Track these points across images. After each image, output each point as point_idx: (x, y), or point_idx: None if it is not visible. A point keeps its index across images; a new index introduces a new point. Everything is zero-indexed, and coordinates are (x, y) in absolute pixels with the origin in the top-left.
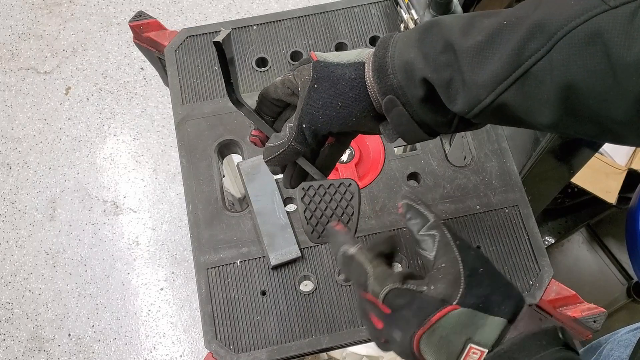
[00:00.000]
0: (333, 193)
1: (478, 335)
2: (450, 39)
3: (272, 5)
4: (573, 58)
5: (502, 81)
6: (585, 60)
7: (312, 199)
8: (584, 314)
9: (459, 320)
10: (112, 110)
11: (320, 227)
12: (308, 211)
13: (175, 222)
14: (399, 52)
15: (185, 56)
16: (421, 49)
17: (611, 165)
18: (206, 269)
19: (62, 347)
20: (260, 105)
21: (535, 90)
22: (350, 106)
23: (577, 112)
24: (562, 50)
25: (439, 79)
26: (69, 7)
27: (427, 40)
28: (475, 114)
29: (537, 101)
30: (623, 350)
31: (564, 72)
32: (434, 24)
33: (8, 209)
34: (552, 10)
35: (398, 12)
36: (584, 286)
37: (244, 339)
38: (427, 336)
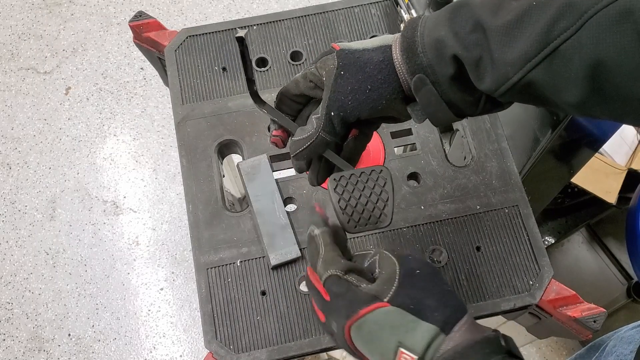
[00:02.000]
0: (365, 181)
1: (408, 339)
2: (480, 18)
3: (272, 5)
4: (603, 36)
5: (531, 59)
6: (615, 38)
7: (345, 188)
8: (584, 314)
9: (387, 318)
10: (112, 110)
11: (357, 215)
12: (342, 201)
13: (175, 222)
14: (429, 30)
15: (185, 56)
16: (451, 27)
17: (611, 165)
18: (206, 269)
19: (62, 347)
20: (280, 104)
21: (563, 68)
22: (379, 88)
23: (604, 91)
24: (592, 29)
25: (468, 56)
26: (69, 7)
27: (457, 19)
28: (503, 92)
29: (565, 79)
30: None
31: (593, 50)
32: (463, 4)
33: (8, 209)
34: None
35: (398, 12)
36: (584, 286)
37: (244, 339)
38: (357, 329)
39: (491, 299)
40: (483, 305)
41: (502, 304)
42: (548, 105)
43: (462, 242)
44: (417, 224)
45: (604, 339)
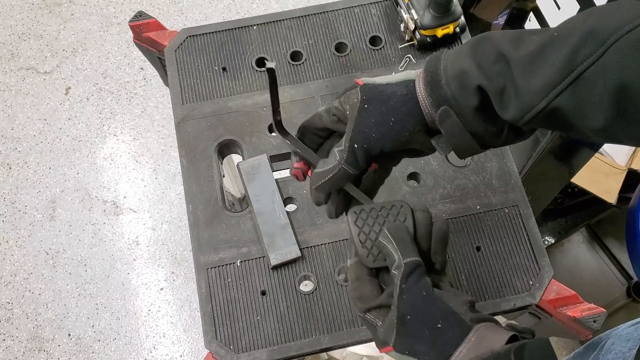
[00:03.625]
0: (386, 215)
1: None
2: (502, 50)
3: (272, 5)
4: (626, 60)
5: (556, 86)
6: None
7: (365, 221)
8: (584, 314)
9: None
10: (112, 110)
11: (376, 250)
12: (362, 234)
13: (175, 222)
14: (452, 63)
15: (185, 56)
16: (474, 59)
17: (611, 165)
18: (206, 269)
19: (62, 347)
20: (302, 137)
21: (588, 94)
22: (403, 120)
23: (629, 114)
24: (616, 54)
25: (492, 86)
26: (69, 7)
27: (479, 52)
28: (527, 121)
29: (590, 104)
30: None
31: (618, 75)
32: (484, 38)
33: (8, 209)
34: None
35: (398, 12)
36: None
37: (244, 339)
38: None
39: (491, 299)
40: (483, 305)
41: (502, 304)
42: (572, 132)
43: (462, 242)
44: None
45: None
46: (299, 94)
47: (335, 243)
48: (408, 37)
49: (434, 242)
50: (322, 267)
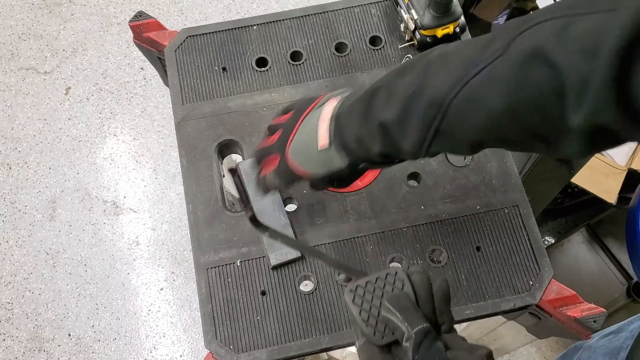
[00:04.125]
0: (382, 286)
1: None
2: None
3: (272, 5)
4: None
5: (424, 142)
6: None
7: (364, 298)
8: (584, 314)
9: None
10: (112, 110)
11: (381, 325)
12: (363, 312)
13: (175, 222)
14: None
15: (185, 56)
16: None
17: (611, 165)
18: (206, 269)
19: (62, 347)
20: None
21: (450, 140)
22: None
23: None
24: (452, 114)
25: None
26: (69, 7)
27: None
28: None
29: (455, 145)
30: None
31: (461, 129)
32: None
33: (8, 209)
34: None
35: (398, 12)
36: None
37: (244, 339)
38: None
39: (491, 299)
40: (483, 305)
41: (502, 304)
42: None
43: (462, 242)
44: (417, 224)
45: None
46: (299, 94)
47: (335, 243)
48: (408, 37)
49: (437, 302)
50: (322, 267)
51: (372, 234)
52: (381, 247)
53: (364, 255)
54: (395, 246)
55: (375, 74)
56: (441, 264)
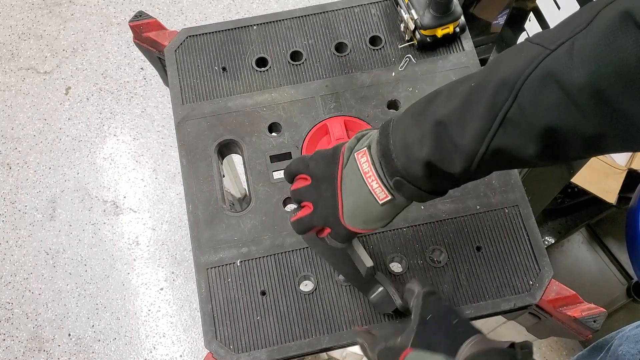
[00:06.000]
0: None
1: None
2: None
3: (272, 5)
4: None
5: (487, 132)
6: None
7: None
8: (584, 314)
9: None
10: (112, 110)
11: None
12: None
13: (175, 222)
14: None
15: (185, 56)
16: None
17: (611, 165)
18: (206, 269)
19: (62, 347)
20: None
21: (518, 129)
22: None
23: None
24: (526, 96)
25: (436, 157)
26: (69, 7)
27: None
28: (476, 167)
29: (522, 138)
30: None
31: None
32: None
33: (8, 209)
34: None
35: (398, 12)
36: (584, 286)
37: (244, 339)
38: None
39: (491, 299)
40: (483, 305)
41: (502, 304)
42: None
43: (462, 242)
44: (417, 224)
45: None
46: (299, 94)
47: None
48: (408, 37)
49: None
50: (322, 267)
51: (372, 234)
52: (381, 247)
53: None
54: (395, 246)
55: (375, 74)
56: (441, 264)
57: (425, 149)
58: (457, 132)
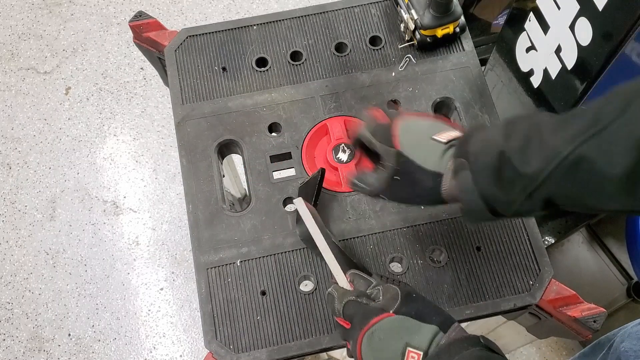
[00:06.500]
0: None
1: (414, 339)
2: (536, 120)
3: (272, 5)
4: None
5: (581, 135)
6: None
7: None
8: (584, 313)
9: (394, 324)
10: (112, 110)
11: None
12: None
13: (175, 222)
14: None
15: (185, 56)
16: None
17: None
18: (206, 269)
19: (62, 347)
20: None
21: (614, 142)
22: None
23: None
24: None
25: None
26: (69, 7)
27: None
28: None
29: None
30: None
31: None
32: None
33: (8, 209)
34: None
35: (398, 12)
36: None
37: (244, 339)
38: (367, 339)
39: (491, 299)
40: (483, 305)
41: (502, 304)
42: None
43: (462, 242)
44: (417, 223)
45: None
46: (299, 94)
47: None
48: (408, 37)
49: None
50: (322, 267)
51: (372, 234)
52: (381, 247)
53: (364, 256)
54: (395, 246)
55: (375, 74)
56: (441, 263)
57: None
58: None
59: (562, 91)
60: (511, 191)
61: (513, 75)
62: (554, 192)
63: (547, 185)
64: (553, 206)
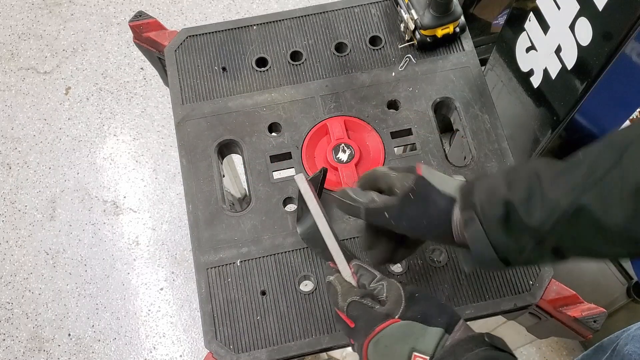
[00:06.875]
0: None
1: (420, 343)
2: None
3: (272, 5)
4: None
5: (580, 186)
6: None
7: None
8: (584, 314)
9: (399, 330)
10: (112, 110)
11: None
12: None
13: (175, 222)
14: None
15: (185, 56)
16: (506, 178)
17: None
18: (206, 269)
19: (62, 347)
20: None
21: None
22: (430, 227)
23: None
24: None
25: (519, 198)
26: (69, 7)
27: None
28: (553, 224)
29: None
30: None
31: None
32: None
33: (8, 209)
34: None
35: (398, 12)
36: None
37: (244, 339)
38: (373, 345)
39: (491, 299)
40: (483, 305)
41: (502, 304)
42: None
43: None
44: None
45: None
46: (299, 94)
47: None
48: (408, 37)
49: None
50: (322, 267)
51: None
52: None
53: (364, 256)
54: None
55: (375, 74)
56: (441, 263)
57: (511, 191)
58: (551, 183)
59: (562, 91)
60: (521, 239)
61: (513, 75)
62: (561, 242)
63: (553, 235)
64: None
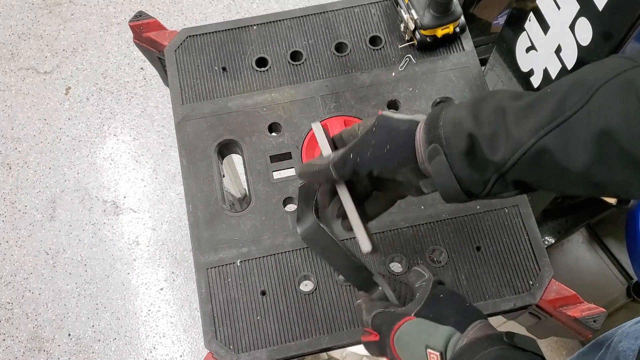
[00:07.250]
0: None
1: (431, 340)
2: (502, 103)
3: (272, 5)
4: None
5: (544, 127)
6: (620, 105)
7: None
8: (584, 313)
9: (413, 327)
10: (112, 110)
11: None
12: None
13: (175, 222)
14: (452, 110)
15: (185, 56)
16: (472, 110)
17: None
18: (206, 269)
19: (62, 347)
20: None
21: (573, 136)
22: (395, 151)
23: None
24: (599, 99)
25: (484, 133)
26: (69, 7)
27: (478, 105)
28: (515, 161)
29: (575, 146)
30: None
31: (601, 118)
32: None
33: (8, 209)
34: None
35: (398, 12)
36: (584, 286)
37: (244, 339)
38: (396, 342)
39: (491, 299)
40: (483, 305)
41: (502, 304)
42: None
43: (462, 242)
44: (417, 223)
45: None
46: (299, 94)
47: None
48: (408, 37)
49: None
50: (322, 267)
51: (372, 234)
52: (381, 247)
53: (364, 256)
54: (395, 246)
55: (375, 74)
56: (441, 263)
57: (476, 125)
58: (515, 120)
59: None
60: (484, 173)
61: (513, 75)
62: (523, 177)
63: (515, 170)
64: (524, 186)
